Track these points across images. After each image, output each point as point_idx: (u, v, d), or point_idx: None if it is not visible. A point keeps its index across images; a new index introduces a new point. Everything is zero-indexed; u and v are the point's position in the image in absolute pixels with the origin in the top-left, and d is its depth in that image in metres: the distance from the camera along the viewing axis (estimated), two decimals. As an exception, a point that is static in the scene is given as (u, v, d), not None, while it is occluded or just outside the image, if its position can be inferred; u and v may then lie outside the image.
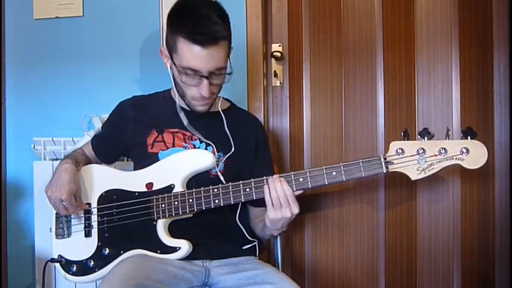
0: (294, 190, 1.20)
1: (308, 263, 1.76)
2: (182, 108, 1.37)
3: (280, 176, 1.21)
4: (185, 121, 1.35)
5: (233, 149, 1.34)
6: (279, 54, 1.74)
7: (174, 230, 1.28)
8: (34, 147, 1.75)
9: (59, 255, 1.35)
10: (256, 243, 1.38)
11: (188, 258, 1.27)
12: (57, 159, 1.74)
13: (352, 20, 1.73)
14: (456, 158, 1.14)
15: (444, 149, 1.14)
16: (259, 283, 1.20)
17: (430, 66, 1.69)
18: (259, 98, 1.72)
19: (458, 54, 1.66)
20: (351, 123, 1.73)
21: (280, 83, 1.77)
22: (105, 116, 1.60)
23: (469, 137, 1.14)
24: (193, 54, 1.21)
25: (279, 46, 1.76)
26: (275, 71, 1.77)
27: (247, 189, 1.23)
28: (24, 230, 1.85)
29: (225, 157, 1.34)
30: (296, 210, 1.20)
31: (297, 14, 1.77)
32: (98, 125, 1.70)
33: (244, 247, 1.36)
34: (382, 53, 1.71)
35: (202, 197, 1.25)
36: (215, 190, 1.24)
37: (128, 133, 1.40)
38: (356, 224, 1.73)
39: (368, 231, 1.72)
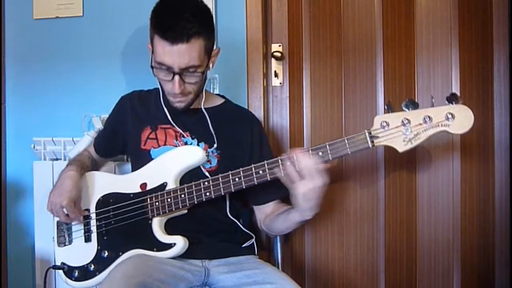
0: (282, 174, 1.20)
1: (308, 263, 1.76)
2: (169, 103, 1.38)
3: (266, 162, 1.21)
4: (169, 116, 1.36)
5: (215, 145, 1.35)
6: (279, 54, 1.74)
7: (172, 229, 1.29)
8: (34, 147, 1.75)
9: (61, 263, 1.37)
10: (253, 240, 1.38)
11: (187, 257, 1.27)
12: (57, 159, 1.74)
13: (352, 20, 1.73)
14: (442, 125, 1.11)
15: (429, 117, 1.11)
16: (259, 283, 1.20)
17: (430, 66, 1.68)
18: (259, 98, 1.72)
19: (458, 54, 1.66)
20: (351, 123, 1.73)
21: (280, 83, 1.77)
22: (105, 116, 1.61)
23: (453, 103, 1.11)
24: (164, 51, 1.21)
25: (279, 46, 1.76)
26: (275, 71, 1.77)
27: (236, 179, 1.23)
28: (24, 230, 1.85)
29: (210, 151, 1.35)
30: (324, 179, 1.17)
31: (297, 14, 1.77)
32: (98, 125, 1.70)
33: (244, 245, 1.36)
34: (382, 53, 1.71)
35: (194, 191, 1.26)
36: (206, 183, 1.25)
37: (127, 126, 1.42)
38: (356, 224, 1.73)
39: (368, 230, 1.71)
